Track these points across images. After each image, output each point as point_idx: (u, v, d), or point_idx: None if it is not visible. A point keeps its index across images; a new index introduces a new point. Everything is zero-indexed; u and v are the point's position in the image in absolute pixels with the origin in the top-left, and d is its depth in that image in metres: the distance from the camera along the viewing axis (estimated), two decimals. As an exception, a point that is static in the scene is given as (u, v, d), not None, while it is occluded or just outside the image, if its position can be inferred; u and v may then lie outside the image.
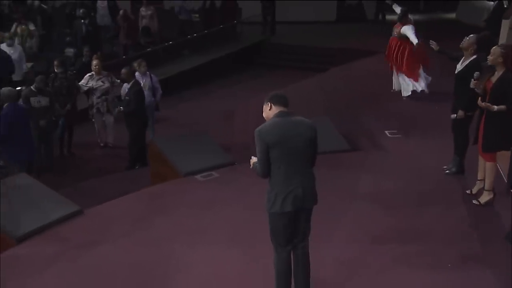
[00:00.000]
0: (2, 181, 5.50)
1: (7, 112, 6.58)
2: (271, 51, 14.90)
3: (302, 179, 3.67)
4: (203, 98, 11.94)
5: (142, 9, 13.36)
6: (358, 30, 15.67)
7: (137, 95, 7.79)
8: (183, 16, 14.17)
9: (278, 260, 3.76)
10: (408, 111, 8.30)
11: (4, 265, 4.60)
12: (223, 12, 14.75)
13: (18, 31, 11.25)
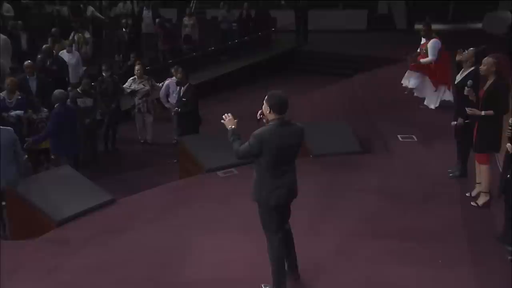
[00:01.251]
0: (48, 172, 5.87)
1: (57, 112, 6.91)
2: (302, 58, 14.89)
3: (286, 180, 3.86)
4: (236, 100, 12.07)
5: (185, 19, 13.71)
6: (386, 39, 15.47)
7: (193, 96, 8.06)
8: (224, 25, 14.35)
9: (272, 246, 3.94)
10: (423, 117, 8.19)
11: (44, 245, 4.96)
12: (257, 21, 14.83)
13: (75, 39, 11.76)
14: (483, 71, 5.26)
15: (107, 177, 7.50)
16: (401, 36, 15.52)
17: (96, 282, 4.35)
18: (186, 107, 7.96)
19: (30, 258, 4.76)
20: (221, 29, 14.40)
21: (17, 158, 5.67)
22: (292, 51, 15.19)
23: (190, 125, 8.04)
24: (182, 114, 8.08)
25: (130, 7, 14.98)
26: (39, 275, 4.47)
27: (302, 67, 14.61)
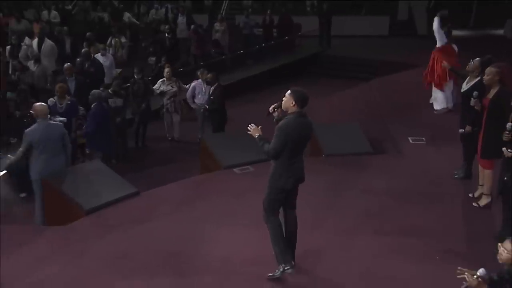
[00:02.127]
0: (80, 166, 6.11)
1: (95, 111, 7.14)
2: (325, 62, 14.81)
3: (300, 165, 4.11)
4: (260, 101, 12.05)
5: (216, 24, 13.86)
6: (407, 44, 15.25)
7: (221, 95, 8.26)
8: (246, 31, 14.44)
9: (276, 228, 4.14)
10: (435, 121, 8.12)
11: (74, 231, 5.19)
12: (280, 27, 14.84)
13: (112, 43, 12.09)
14: (487, 80, 5.22)
15: (135, 171, 7.71)
16: (422, 42, 15.26)
17: (118, 267, 4.51)
18: (213, 105, 8.26)
19: (60, 243, 4.98)
20: (243, 34, 14.45)
21: (66, 150, 5.90)
22: (315, 55, 15.11)
23: (216, 123, 8.26)
24: (210, 111, 8.33)
25: (162, 13, 15.22)
26: (67, 259, 4.68)
27: (324, 70, 14.54)
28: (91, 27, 13.59)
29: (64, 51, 11.69)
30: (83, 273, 4.44)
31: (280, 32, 14.81)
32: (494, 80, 5.10)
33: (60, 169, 5.77)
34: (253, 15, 15.67)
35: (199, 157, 7.24)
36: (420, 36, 16.49)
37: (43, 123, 5.66)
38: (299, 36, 15.57)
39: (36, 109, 5.72)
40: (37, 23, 13.34)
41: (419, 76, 9.74)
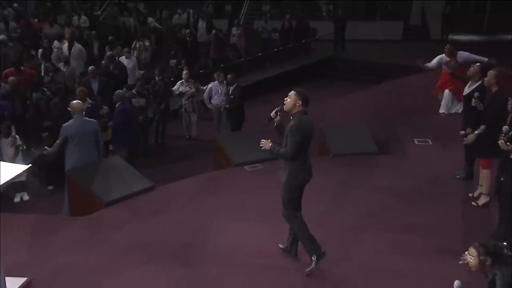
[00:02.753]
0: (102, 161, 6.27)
1: (120, 110, 7.36)
2: (339, 65, 14.79)
3: (310, 162, 4.19)
4: (276, 101, 12.08)
5: (233, 29, 14.01)
6: (419, 49, 15.05)
7: (240, 95, 8.39)
8: (264, 35, 14.54)
9: (302, 225, 4.20)
10: (440, 123, 8.10)
11: (94, 221, 5.37)
12: (296, 31, 14.89)
13: (137, 46, 12.35)
14: (486, 82, 5.26)
15: (154, 167, 7.88)
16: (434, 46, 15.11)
17: (133, 255, 4.65)
18: (232, 104, 8.44)
19: (81, 233, 5.15)
20: (261, 38, 14.55)
21: (98, 145, 6.11)
22: (330, 58, 15.12)
23: (235, 121, 8.40)
24: (229, 110, 8.46)
25: (184, 18, 15.43)
26: (88, 247, 4.84)
27: (338, 73, 14.54)
28: (117, 31, 13.89)
29: (92, 54, 11.94)
30: (102, 260, 4.60)
31: (297, 36, 14.85)
32: (492, 82, 5.14)
33: (88, 163, 5.94)
34: (271, 20, 15.79)
35: (213, 154, 7.35)
36: (433, 41, 16.34)
37: (79, 119, 5.86)
38: (314, 40, 15.58)
39: (72, 106, 5.92)
40: (68, 28, 13.65)
41: (428, 80, 9.71)
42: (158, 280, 4.27)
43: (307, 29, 15.09)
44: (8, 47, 11.39)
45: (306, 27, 15.15)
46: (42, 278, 4.26)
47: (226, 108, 8.62)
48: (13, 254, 4.52)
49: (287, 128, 4.07)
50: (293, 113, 4.08)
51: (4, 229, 4.86)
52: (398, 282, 4.22)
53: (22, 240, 4.92)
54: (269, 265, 4.38)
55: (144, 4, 17.87)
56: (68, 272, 4.41)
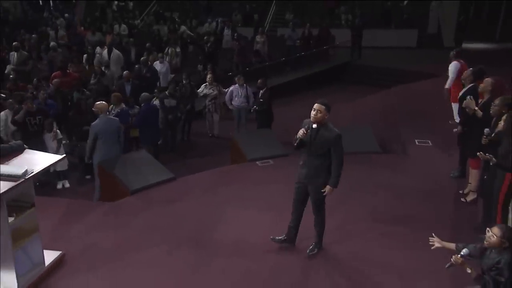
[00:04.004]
0: (129, 154, 6.62)
1: (143, 110, 7.70)
2: (355, 71, 14.75)
3: None
4: (294, 104, 12.20)
5: (257, 36, 14.19)
6: (432, 56, 14.86)
7: (268, 98, 8.54)
8: (289, 42, 14.64)
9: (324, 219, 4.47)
10: (442, 126, 8.04)
11: (121, 206, 5.68)
12: (319, 38, 14.95)
13: (169, 52, 12.72)
14: (481, 88, 5.28)
15: (178, 161, 8.19)
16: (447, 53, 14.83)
17: (152, 236, 4.94)
18: (262, 106, 8.55)
19: (109, 216, 5.48)
20: (286, 45, 14.67)
21: (120, 141, 6.42)
22: (347, 64, 15.12)
23: (264, 122, 8.57)
24: (259, 112, 8.64)
25: (213, 26, 15.74)
26: (112, 228, 5.16)
27: (354, 78, 14.53)
28: (152, 38, 14.34)
29: (129, 59, 12.36)
30: (125, 239, 4.90)
31: (318, 43, 14.89)
32: (487, 89, 5.16)
33: (116, 156, 6.27)
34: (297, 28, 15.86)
35: (230, 151, 7.58)
36: (446, 48, 16.06)
37: (104, 118, 6.18)
38: (333, 46, 15.61)
39: (97, 107, 6.22)
40: (109, 35, 14.21)
41: (435, 85, 9.66)
42: (172, 258, 4.54)
43: (328, 37, 15.13)
44: (56, 52, 11.99)
45: (328, 35, 15.20)
46: (73, 252, 4.58)
47: (256, 110, 8.68)
48: (50, 232, 4.91)
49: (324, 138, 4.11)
50: (323, 123, 4.14)
51: (46, 210, 5.26)
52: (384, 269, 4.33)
53: (59, 220, 5.28)
54: (271, 250, 4.56)
55: (179, 13, 18.35)
56: (96, 248, 4.73)
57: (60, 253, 4.49)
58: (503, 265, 3.19)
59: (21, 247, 3.98)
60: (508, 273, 3.19)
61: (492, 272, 3.23)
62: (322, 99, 4.28)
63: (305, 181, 4.29)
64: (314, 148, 4.17)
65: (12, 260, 3.89)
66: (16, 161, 3.97)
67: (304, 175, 4.27)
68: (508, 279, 3.19)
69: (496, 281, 3.23)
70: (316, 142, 4.15)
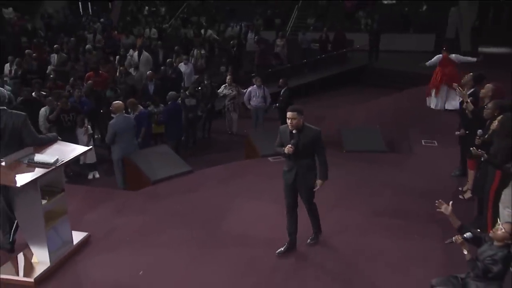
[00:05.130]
0: (152, 148, 6.97)
1: (169, 108, 8.05)
2: (372, 73, 14.74)
3: None
4: (311, 104, 12.26)
5: (277, 40, 14.40)
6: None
7: (288, 96, 8.77)
8: (304, 45, 14.79)
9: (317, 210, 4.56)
10: (448, 127, 7.97)
11: (143, 194, 6.01)
12: (334, 41, 15.01)
13: (194, 54, 13.10)
14: (482, 93, 5.34)
15: (199, 156, 8.49)
16: (463, 57, 14.71)
17: (169, 221, 5.26)
18: (282, 104, 8.71)
19: (132, 202, 5.82)
20: (302, 48, 14.79)
21: (136, 137, 6.78)
22: (364, 67, 15.11)
23: (285, 117, 8.78)
24: (280, 108, 8.80)
25: (237, 30, 16.02)
26: (135, 213, 5.50)
27: (370, 81, 14.52)
28: (179, 41, 14.75)
29: (157, 60, 12.75)
30: (145, 224, 5.22)
31: (334, 46, 14.96)
32: (488, 94, 5.22)
33: (134, 151, 6.63)
34: (315, 32, 15.99)
35: (244, 147, 7.82)
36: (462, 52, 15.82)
37: (120, 116, 6.50)
38: (351, 50, 15.64)
39: (114, 107, 6.55)
40: (140, 38, 14.71)
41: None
42: (185, 241, 4.83)
43: (343, 40, 15.16)
44: (91, 54, 12.54)
45: (343, 38, 15.24)
46: (99, 234, 4.94)
47: (278, 107, 8.87)
48: (79, 215, 5.29)
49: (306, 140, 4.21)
50: (300, 126, 4.22)
51: (76, 197, 5.68)
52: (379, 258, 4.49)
53: (87, 205, 5.65)
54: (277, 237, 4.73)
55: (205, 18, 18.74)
56: (119, 231, 5.07)
57: (86, 234, 4.85)
58: (498, 258, 3.33)
59: (52, 227, 4.36)
60: (500, 267, 3.32)
61: (487, 261, 3.36)
62: (291, 106, 4.42)
63: (295, 184, 4.31)
64: (301, 150, 4.20)
65: (44, 237, 4.26)
66: (49, 151, 4.34)
67: (293, 179, 4.30)
68: (498, 271, 3.33)
69: (486, 269, 3.37)
70: (301, 145, 4.20)
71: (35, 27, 16.82)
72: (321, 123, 10.41)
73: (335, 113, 10.44)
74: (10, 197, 4.24)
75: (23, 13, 18.13)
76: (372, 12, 17.75)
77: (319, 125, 5.24)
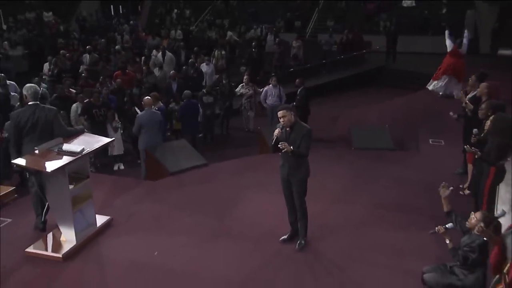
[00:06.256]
0: (170, 143, 7.33)
1: (183, 105, 8.44)
2: (389, 74, 14.73)
3: None
4: (327, 104, 12.53)
5: (294, 42, 14.59)
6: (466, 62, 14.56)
7: (304, 95, 8.98)
8: (326, 47, 14.92)
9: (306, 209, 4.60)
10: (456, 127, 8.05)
11: (161, 185, 6.36)
12: (352, 43, 15.08)
13: (215, 54, 13.47)
14: (478, 93, 5.48)
15: (216, 151, 8.78)
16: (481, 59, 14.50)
17: (185, 209, 5.59)
18: (298, 102, 8.94)
19: (151, 191, 6.19)
20: (323, 49, 14.95)
21: (162, 131, 7.14)
22: (381, 68, 15.13)
23: (301, 115, 9.02)
24: (297, 107, 8.90)
25: (258, 32, 16.30)
26: (153, 201, 5.86)
27: (388, 82, 14.49)
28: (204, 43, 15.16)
29: (180, 60, 13.22)
30: (165, 210, 5.56)
31: (352, 47, 15.00)
32: (484, 92, 5.36)
33: (158, 144, 7.00)
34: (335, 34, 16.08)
35: (258, 142, 8.10)
36: (481, 55, 15.64)
37: (148, 111, 6.93)
38: (368, 51, 15.67)
39: (144, 102, 6.99)
40: (165, 39, 15.22)
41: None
42: (197, 227, 5.16)
43: (361, 41, 15.22)
44: (120, 54, 13.10)
45: (360, 40, 15.29)
46: (119, 218, 5.33)
47: (295, 106, 8.95)
48: (103, 201, 5.70)
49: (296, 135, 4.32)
50: (291, 123, 4.34)
51: (100, 185, 6.09)
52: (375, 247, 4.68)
53: (111, 192, 6.06)
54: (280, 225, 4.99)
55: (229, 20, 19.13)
56: (138, 216, 5.44)
57: (109, 218, 5.24)
58: (476, 245, 3.52)
59: (78, 210, 4.76)
60: (477, 253, 3.51)
61: (465, 249, 3.55)
62: (281, 105, 4.60)
63: (288, 177, 4.48)
64: (291, 145, 4.32)
65: (72, 219, 4.67)
66: (76, 141, 4.75)
67: (286, 173, 4.48)
68: (475, 258, 3.52)
69: (466, 257, 3.56)
70: (292, 140, 4.34)
71: (69, 29, 17.59)
72: (335, 122, 10.69)
73: (349, 113, 10.58)
74: (43, 182, 4.67)
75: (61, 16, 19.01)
76: (391, 15, 17.71)
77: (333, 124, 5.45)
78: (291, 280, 4.23)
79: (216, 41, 15.21)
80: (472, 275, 3.48)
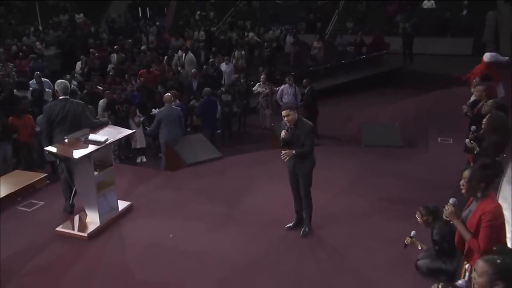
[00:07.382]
0: (188, 136, 7.70)
1: (203, 102, 8.81)
2: (406, 75, 14.73)
3: None
4: (342, 104, 12.73)
5: (314, 42, 14.76)
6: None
7: (311, 95, 9.22)
8: (340, 48, 15.05)
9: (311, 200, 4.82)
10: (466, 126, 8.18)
11: (179, 175, 6.72)
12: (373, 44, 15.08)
13: (235, 55, 13.82)
14: (476, 96, 5.62)
15: (232, 146, 9.12)
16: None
17: (201, 197, 5.92)
18: (306, 101, 9.22)
19: (169, 180, 6.57)
20: (338, 50, 15.07)
21: (181, 125, 7.52)
22: (398, 69, 15.12)
23: (309, 114, 9.28)
24: (305, 106, 9.32)
25: (278, 33, 16.54)
26: (171, 189, 6.21)
27: (404, 82, 14.52)
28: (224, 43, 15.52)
29: (200, 60, 13.60)
30: (181, 198, 5.92)
31: (373, 49, 15.04)
32: (482, 95, 5.49)
33: (177, 137, 7.37)
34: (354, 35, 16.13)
35: (271, 138, 8.38)
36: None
37: (168, 107, 7.31)
38: (386, 53, 15.70)
39: (164, 98, 7.40)
40: (188, 40, 15.67)
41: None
42: (210, 213, 5.49)
43: (382, 43, 15.26)
44: (146, 54, 13.63)
45: (381, 41, 15.34)
46: (139, 204, 5.71)
47: (302, 105, 9.29)
48: (125, 188, 6.10)
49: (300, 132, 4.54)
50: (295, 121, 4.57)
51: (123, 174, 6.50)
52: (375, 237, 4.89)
53: (133, 181, 6.48)
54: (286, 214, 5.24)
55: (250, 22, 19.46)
56: (156, 202, 5.82)
57: (129, 203, 5.64)
58: (435, 235, 3.73)
59: (102, 194, 5.18)
60: (438, 240, 3.70)
61: (433, 243, 3.78)
62: (284, 105, 4.85)
63: (294, 169, 4.71)
64: (296, 141, 4.57)
65: (96, 203, 5.09)
66: (101, 132, 5.17)
67: (293, 166, 4.71)
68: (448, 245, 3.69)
69: (437, 251, 3.78)
70: (296, 136, 4.57)
71: (98, 30, 18.30)
72: (348, 121, 10.85)
73: (363, 112, 10.72)
74: (71, 168, 5.12)
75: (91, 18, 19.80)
76: (410, 16, 17.63)
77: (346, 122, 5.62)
78: (294, 263, 4.50)
79: (237, 40, 15.52)
80: (454, 259, 3.69)
